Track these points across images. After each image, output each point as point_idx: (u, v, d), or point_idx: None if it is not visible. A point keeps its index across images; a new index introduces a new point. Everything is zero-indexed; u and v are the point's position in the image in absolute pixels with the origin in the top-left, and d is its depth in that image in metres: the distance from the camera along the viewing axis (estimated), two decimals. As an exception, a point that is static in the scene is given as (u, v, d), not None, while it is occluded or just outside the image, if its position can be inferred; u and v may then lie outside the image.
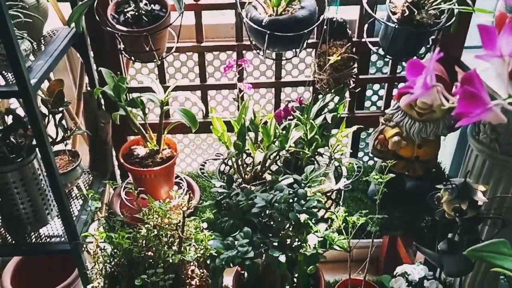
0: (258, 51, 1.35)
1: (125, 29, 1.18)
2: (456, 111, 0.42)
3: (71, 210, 1.29)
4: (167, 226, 1.20)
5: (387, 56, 1.32)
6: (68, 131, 1.33)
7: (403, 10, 1.16)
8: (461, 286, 1.51)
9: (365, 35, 1.35)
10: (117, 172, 1.64)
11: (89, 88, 1.47)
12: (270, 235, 1.15)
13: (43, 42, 1.22)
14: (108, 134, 1.50)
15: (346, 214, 1.20)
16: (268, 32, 1.16)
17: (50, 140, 1.27)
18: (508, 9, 1.32)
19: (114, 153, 1.58)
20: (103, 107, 1.48)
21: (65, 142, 1.37)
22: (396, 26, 1.15)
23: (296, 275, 1.33)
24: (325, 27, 1.31)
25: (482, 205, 1.14)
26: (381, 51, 1.34)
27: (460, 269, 1.22)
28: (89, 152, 1.54)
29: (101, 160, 1.52)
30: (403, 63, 1.61)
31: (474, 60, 1.45)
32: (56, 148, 1.47)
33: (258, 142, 1.38)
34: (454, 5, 1.12)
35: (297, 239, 1.19)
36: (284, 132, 1.34)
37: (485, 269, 1.54)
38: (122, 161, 1.37)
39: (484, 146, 1.35)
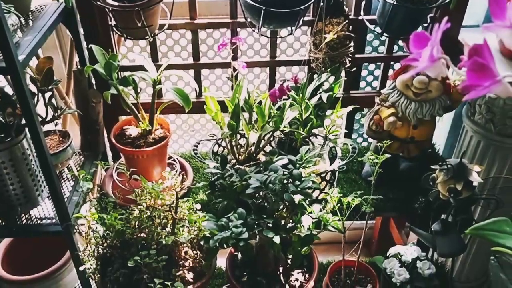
0: (253, 28, 1.32)
1: (116, 3, 1.14)
2: (465, 83, 0.41)
3: (62, 191, 1.27)
4: (160, 207, 1.19)
5: (384, 34, 1.29)
6: (58, 111, 1.30)
7: (401, -13, 1.13)
8: (453, 267, 1.53)
9: (362, 13, 1.33)
10: (109, 152, 1.62)
11: (79, 66, 1.43)
12: (264, 216, 1.14)
13: (31, 17, 1.18)
14: (99, 114, 1.47)
15: (341, 195, 1.19)
16: (264, 8, 1.13)
17: (40, 119, 1.24)
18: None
19: (105, 133, 1.55)
20: (94, 86, 1.45)
21: (55, 122, 1.34)
22: (395, 3, 1.13)
23: (290, 256, 1.33)
24: (321, 4, 1.28)
25: (476, 186, 1.14)
26: (378, 29, 1.32)
27: (453, 250, 1.22)
28: (80, 132, 1.51)
29: (92, 141, 1.50)
30: (400, 43, 1.59)
31: (471, 39, 1.44)
32: (46, 128, 1.44)
33: (253, 123, 1.36)
34: (454, -18, 1.10)
35: (291, 220, 1.18)
36: (278, 112, 1.32)
37: (476, 250, 1.55)
38: (114, 141, 1.35)
39: (479, 126, 1.35)
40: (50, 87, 1.25)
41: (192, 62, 1.51)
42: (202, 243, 1.15)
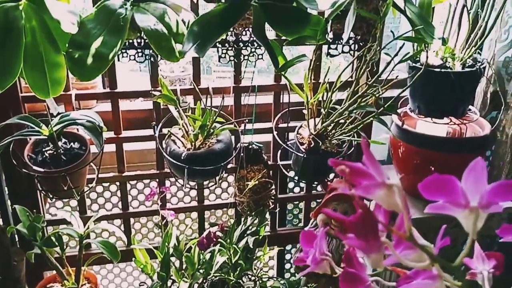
0: (177, 181, 1.40)
1: (42, 170, 1.17)
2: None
3: None
4: None
5: (300, 180, 1.42)
6: (-25, 276, 1.23)
7: (309, 141, 1.28)
8: None
9: (278, 160, 1.46)
10: (31, 311, 1.51)
11: (1, 224, 1.40)
12: None
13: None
14: (21, 272, 1.40)
15: None
16: (187, 166, 1.22)
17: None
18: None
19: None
20: (17, 244, 1.41)
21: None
22: (305, 156, 1.26)
23: None
24: (241, 154, 1.40)
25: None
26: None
27: None
28: (-2, 293, 1.42)
29: (12, 302, 1.40)
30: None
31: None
32: (-40, 292, 1.34)
33: (183, 270, 1.37)
34: (353, 136, 1.27)
35: None
36: (208, 259, 1.34)
37: None
38: (35, 303, 1.28)
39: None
40: (-33, 253, 1.21)
41: (120, 211, 1.53)
42: None
